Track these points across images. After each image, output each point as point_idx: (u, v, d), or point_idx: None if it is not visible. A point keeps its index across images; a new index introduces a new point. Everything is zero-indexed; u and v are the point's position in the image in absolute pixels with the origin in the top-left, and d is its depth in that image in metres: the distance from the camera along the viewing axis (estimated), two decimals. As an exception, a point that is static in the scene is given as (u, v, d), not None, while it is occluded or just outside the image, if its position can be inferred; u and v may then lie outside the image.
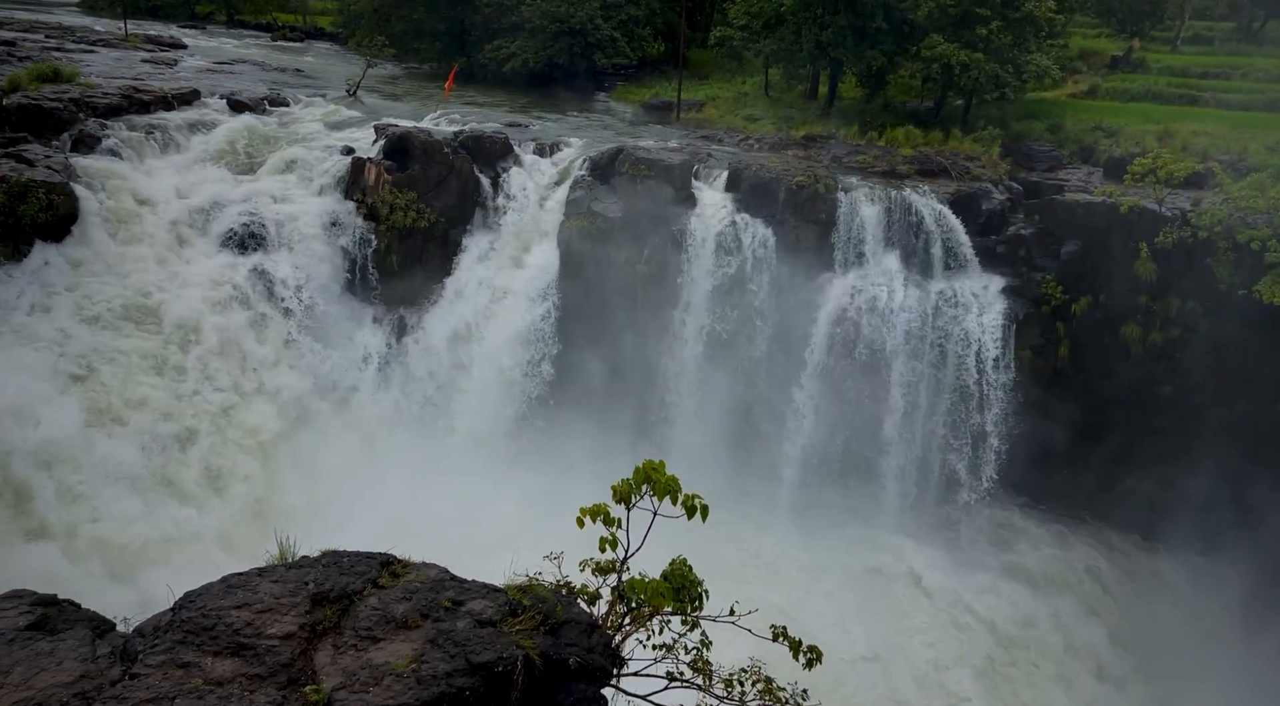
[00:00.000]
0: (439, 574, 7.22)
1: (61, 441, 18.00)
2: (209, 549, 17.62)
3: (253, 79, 36.72)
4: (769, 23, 33.36)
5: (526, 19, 43.15)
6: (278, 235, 24.17)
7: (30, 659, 5.38)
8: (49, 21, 50.83)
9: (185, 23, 67.32)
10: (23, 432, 17.44)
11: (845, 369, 24.09)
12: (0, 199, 20.58)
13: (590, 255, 25.08)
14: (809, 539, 23.07)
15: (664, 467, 7.53)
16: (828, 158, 27.88)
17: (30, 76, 27.24)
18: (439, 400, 24.52)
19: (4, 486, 16.55)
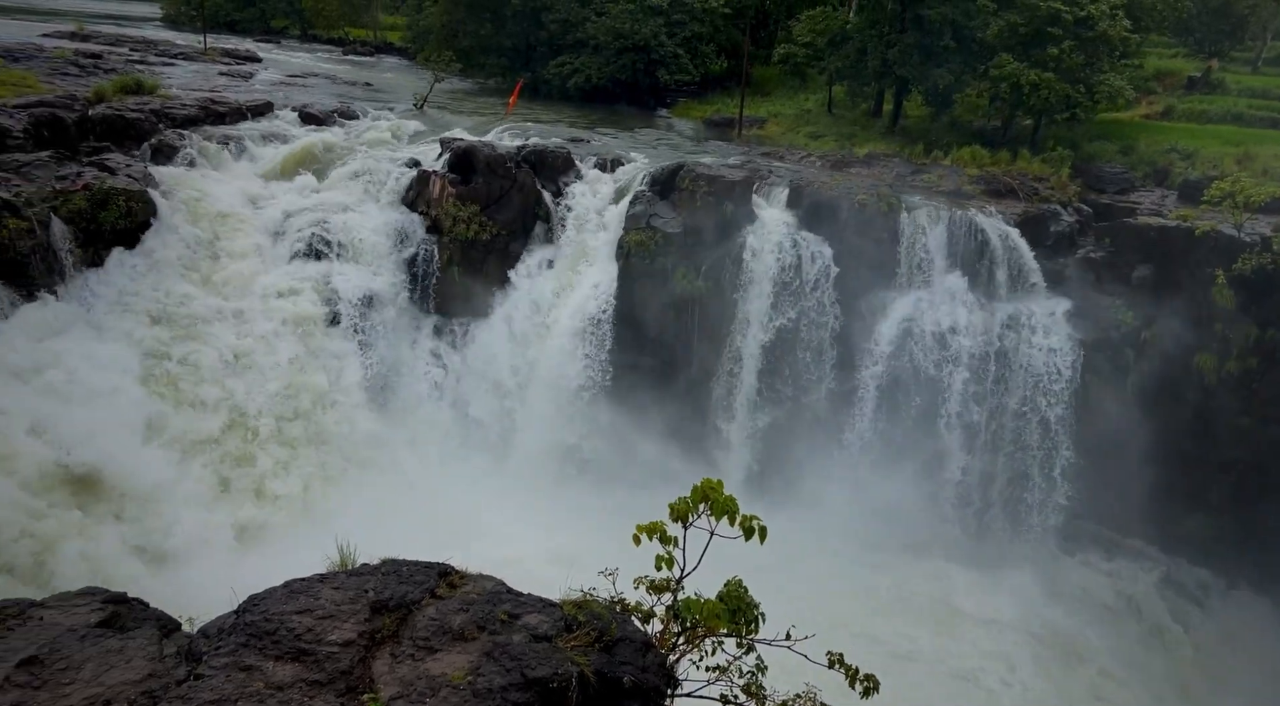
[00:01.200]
0: (495, 586, 7.24)
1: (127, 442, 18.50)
2: (263, 552, 17.93)
3: (324, 92, 37.65)
4: (834, 40, 33.23)
5: (591, 35, 43.59)
6: (345, 245, 24.67)
7: (101, 656, 5.50)
8: (134, 36, 52.78)
9: (261, 37, 69.44)
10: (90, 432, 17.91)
11: (906, 390, 23.72)
12: (83, 205, 21.33)
13: (648, 270, 25.10)
14: (864, 562, 22.66)
15: (722, 487, 7.45)
16: (891, 176, 27.57)
17: (115, 88, 28.32)
18: (496, 411, 24.69)
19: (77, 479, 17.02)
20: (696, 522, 7.44)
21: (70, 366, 18.95)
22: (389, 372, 23.96)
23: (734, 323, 24.74)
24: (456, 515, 19.52)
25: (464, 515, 19.47)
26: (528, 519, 20.16)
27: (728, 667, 7.51)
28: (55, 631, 5.70)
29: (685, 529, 7.40)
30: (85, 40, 46.42)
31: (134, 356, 20.15)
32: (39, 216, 20.23)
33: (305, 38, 73.42)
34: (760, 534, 7.24)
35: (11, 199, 19.74)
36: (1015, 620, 21.60)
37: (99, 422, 17.74)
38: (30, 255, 19.72)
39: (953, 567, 23.34)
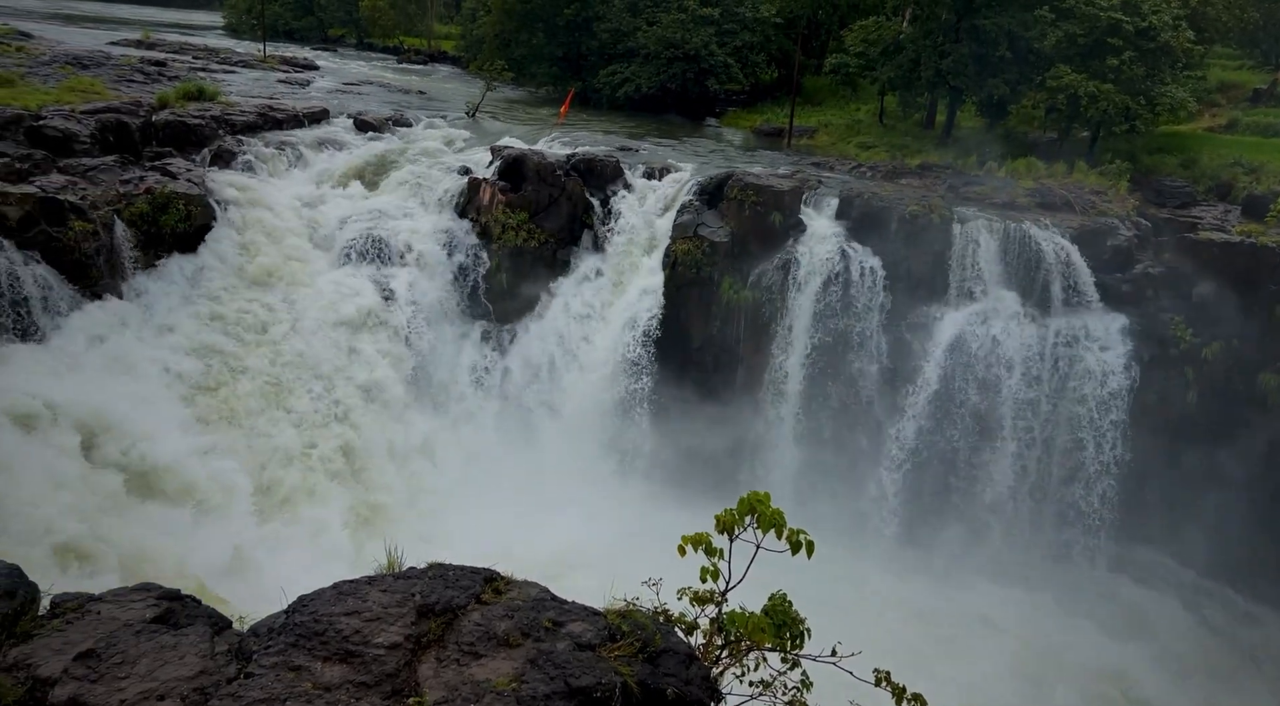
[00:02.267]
0: (540, 593, 7.24)
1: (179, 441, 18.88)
2: (313, 555, 18.17)
3: (378, 100, 38.26)
4: (887, 50, 32.96)
5: (642, 45, 43.79)
6: (396, 251, 25.04)
7: (155, 651, 5.60)
8: (197, 44, 54.20)
9: (318, 45, 70.95)
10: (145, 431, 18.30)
11: (955, 405, 23.35)
12: (145, 208, 21.91)
13: (694, 279, 25.07)
14: (911, 579, 22.32)
15: (769, 499, 7.39)
16: (943, 187, 27.23)
17: (177, 95, 29.08)
18: (540, 417, 24.81)
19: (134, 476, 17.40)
20: (742, 535, 7.40)
21: (127, 365, 19.43)
22: (436, 376, 24.21)
23: (781, 333, 24.56)
24: (500, 518, 19.63)
25: (507, 519, 19.58)
26: (569, 524, 20.19)
27: (772, 683, 7.42)
28: (112, 626, 5.82)
29: (731, 541, 7.35)
30: (151, 48, 47.79)
31: (189, 356, 20.60)
32: (103, 219, 20.82)
33: (361, 46, 74.82)
34: (808, 548, 7.15)
35: (78, 201, 20.34)
36: (1058, 645, 21.07)
37: (153, 421, 18.14)
38: (94, 256, 20.29)
39: (995, 586, 22.88)
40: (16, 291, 18.49)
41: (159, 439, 17.79)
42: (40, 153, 22.00)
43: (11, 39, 40.74)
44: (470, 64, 56.84)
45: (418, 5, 74.88)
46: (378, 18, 73.75)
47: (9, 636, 5.62)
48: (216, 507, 17.76)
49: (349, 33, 78.32)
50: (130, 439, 17.26)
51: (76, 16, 77.98)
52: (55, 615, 6.01)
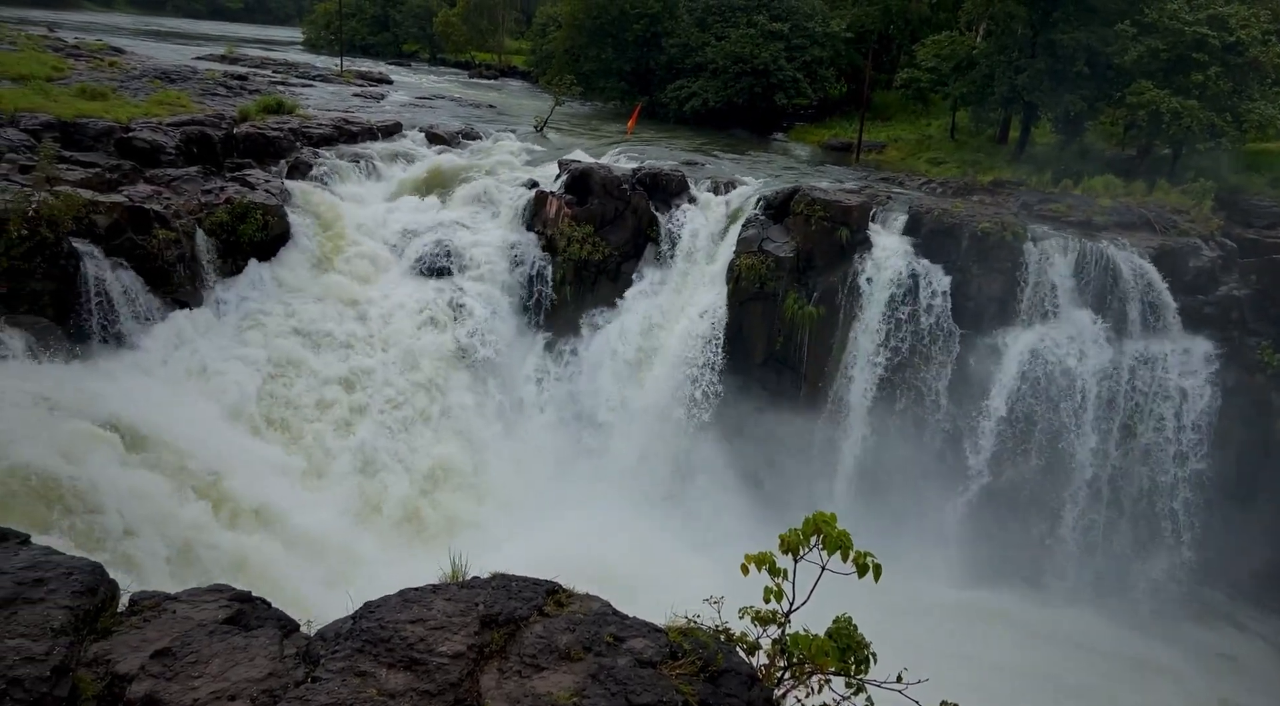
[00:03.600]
0: (601, 607, 7.22)
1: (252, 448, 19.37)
2: (376, 563, 18.44)
3: (449, 113, 38.99)
4: (960, 65, 32.48)
5: (710, 60, 43.89)
6: (465, 262, 25.42)
7: (227, 652, 5.72)
8: (277, 58, 55.92)
9: (393, 60, 72.65)
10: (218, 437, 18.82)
11: (1026, 428, 22.76)
12: (225, 218, 22.61)
13: (759, 294, 24.93)
14: (976, 604, 21.76)
15: (835, 520, 7.26)
16: (1016, 205, 26.64)
17: (258, 108, 30.04)
18: (602, 430, 24.87)
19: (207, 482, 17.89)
20: (807, 556, 7.29)
21: (203, 371, 20.03)
22: (501, 386, 24.45)
23: (845, 351, 24.26)
24: (560, 530, 19.69)
25: (567, 531, 19.63)
26: (630, 538, 20.15)
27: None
28: (186, 625, 5.97)
29: (796, 561, 7.24)
30: (234, 63, 49.49)
31: (262, 364, 21.15)
32: (185, 228, 21.54)
33: (434, 61, 76.41)
34: (875, 571, 7.01)
35: (162, 210, 21.08)
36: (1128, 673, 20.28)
37: (228, 427, 18.64)
38: (176, 264, 20.99)
39: (1067, 610, 22.18)
40: (103, 296, 19.21)
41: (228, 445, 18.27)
42: (129, 163, 22.89)
43: (105, 54, 42.58)
44: (540, 79, 57.67)
45: (490, 21, 76.22)
46: (450, 33, 75.30)
47: (90, 632, 5.80)
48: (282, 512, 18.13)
49: (423, 48, 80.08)
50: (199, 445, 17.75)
51: (165, 33, 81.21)
52: (133, 612, 6.19)
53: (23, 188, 18.93)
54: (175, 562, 15.01)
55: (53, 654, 5.20)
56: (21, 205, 18.13)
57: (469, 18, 75.27)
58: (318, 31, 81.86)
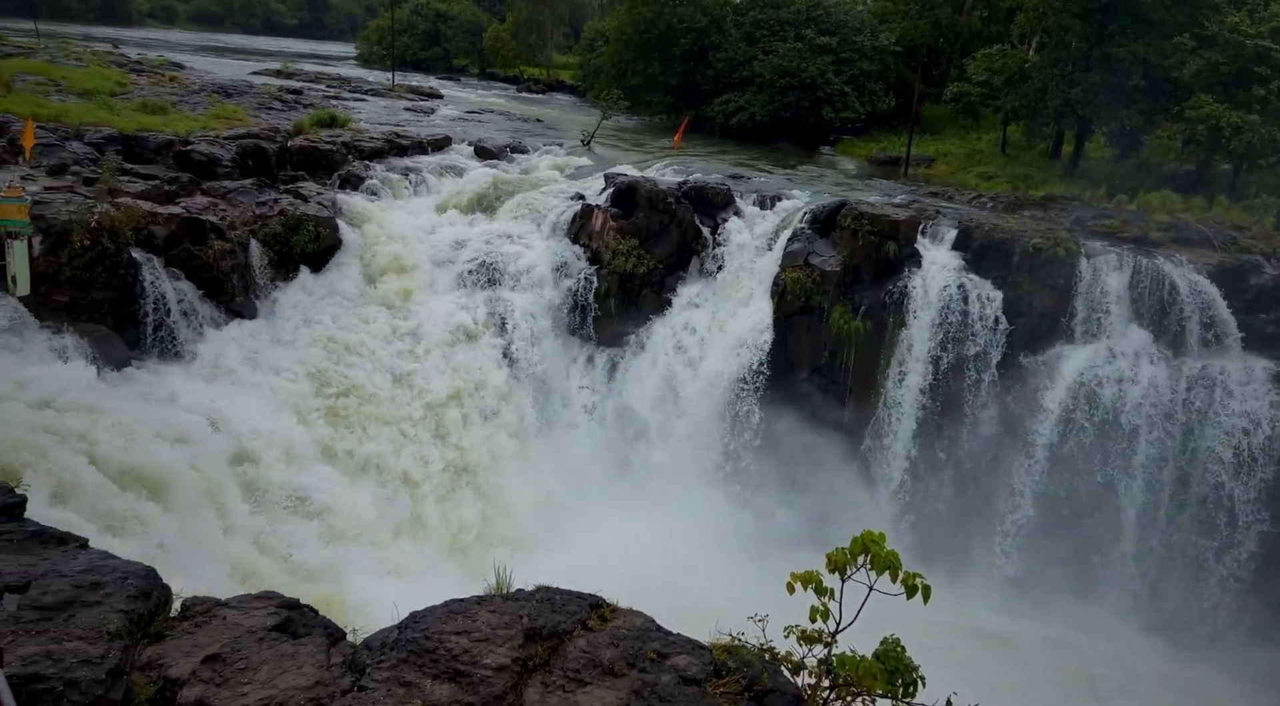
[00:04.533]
0: (645, 622, 7.18)
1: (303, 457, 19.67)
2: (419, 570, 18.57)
3: (497, 127, 39.42)
4: (1012, 79, 32.06)
5: (757, 74, 43.86)
6: (510, 274, 25.62)
7: (275, 659, 5.78)
8: (331, 73, 57.03)
9: (443, 74, 73.71)
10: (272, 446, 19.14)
11: (1077, 449, 22.26)
12: (278, 229, 23.06)
13: (804, 308, 24.76)
14: (1025, 628, 21.28)
15: (884, 540, 7.14)
16: (1069, 220, 26.18)
17: (311, 122, 30.66)
18: (645, 442, 24.82)
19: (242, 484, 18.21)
20: (854, 575, 7.17)
21: (255, 380, 20.38)
22: (545, 398, 24.56)
23: (892, 366, 23.97)
24: (603, 543, 19.67)
25: (610, 544, 19.59)
26: (672, 553, 20.06)
27: (881, 731, 7.15)
28: (236, 631, 6.04)
29: (843, 580, 7.14)
30: (289, 78, 50.59)
31: (312, 374, 21.47)
32: (240, 239, 22.01)
33: (484, 75, 77.38)
34: (924, 593, 6.87)
35: (218, 221, 21.56)
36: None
37: (280, 436, 18.94)
38: (230, 274, 21.44)
39: (1117, 639, 21.59)
40: (160, 305, 19.68)
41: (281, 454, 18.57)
42: (187, 176, 23.47)
43: (166, 70, 43.79)
44: (587, 93, 58.10)
45: (538, 36, 77.02)
46: (500, 48, 76.26)
47: (144, 636, 5.90)
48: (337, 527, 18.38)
49: (472, 62, 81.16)
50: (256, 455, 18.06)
51: (223, 48, 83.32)
52: (185, 617, 6.29)
53: (86, 199, 19.49)
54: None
55: (108, 657, 5.29)
56: (85, 216, 18.66)
57: (518, 33, 76.15)
58: (370, 47, 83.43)
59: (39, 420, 15.07)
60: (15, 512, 6.92)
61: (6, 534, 6.54)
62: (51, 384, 16.16)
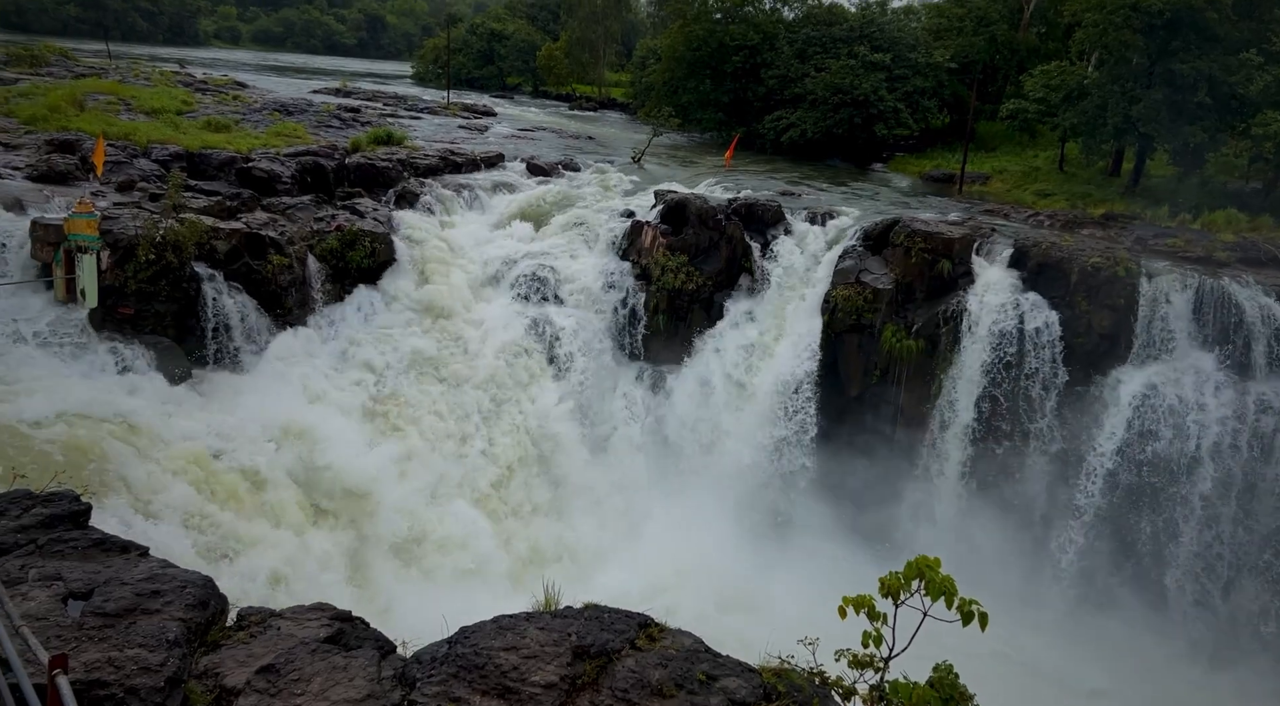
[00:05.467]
0: (694, 643, 7.12)
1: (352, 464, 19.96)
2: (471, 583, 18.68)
3: (549, 145, 39.80)
4: (1070, 95, 31.51)
5: (809, 90, 43.74)
6: (561, 290, 25.79)
7: (328, 671, 5.83)
8: (388, 92, 58.13)
9: (497, 93, 74.70)
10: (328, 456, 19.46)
11: (1138, 474, 21.65)
12: (335, 245, 23.52)
13: (855, 326, 24.49)
14: (1084, 658, 20.68)
15: (938, 565, 7.01)
16: (1130, 239, 25.59)
17: (368, 139, 31.26)
18: (693, 459, 24.72)
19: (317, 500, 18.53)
20: (908, 601, 7.04)
21: (310, 392, 20.75)
22: (593, 414, 24.61)
23: (945, 387, 23.58)
24: (650, 561, 19.60)
25: (658, 562, 19.52)
26: (721, 573, 19.93)
27: (935, 760, 6.98)
28: (290, 642, 6.12)
29: (896, 606, 7.01)
30: (347, 96, 51.69)
31: (366, 386, 21.81)
32: (298, 254, 22.49)
33: (536, 93, 78.24)
34: (981, 620, 6.72)
35: (277, 237, 22.05)
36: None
37: (335, 447, 19.25)
38: (288, 288, 21.90)
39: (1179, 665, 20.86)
40: (221, 317, 20.16)
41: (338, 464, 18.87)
42: (248, 192, 24.06)
43: (230, 88, 45.04)
44: (638, 110, 58.42)
45: (590, 54, 77.74)
46: (553, 66, 77.11)
47: (201, 644, 6.00)
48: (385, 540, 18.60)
49: (525, 81, 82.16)
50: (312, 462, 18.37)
51: (284, 67, 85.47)
52: (241, 627, 6.38)
53: (151, 215, 20.08)
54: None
55: (167, 665, 5.39)
56: (150, 231, 19.22)
57: (571, 51, 76.96)
58: (426, 66, 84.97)
59: (106, 430, 15.49)
60: (81, 520, 7.10)
61: (71, 541, 6.71)
62: (117, 394, 16.62)
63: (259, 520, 16.58)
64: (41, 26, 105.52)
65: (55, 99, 29.50)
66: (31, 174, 21.79)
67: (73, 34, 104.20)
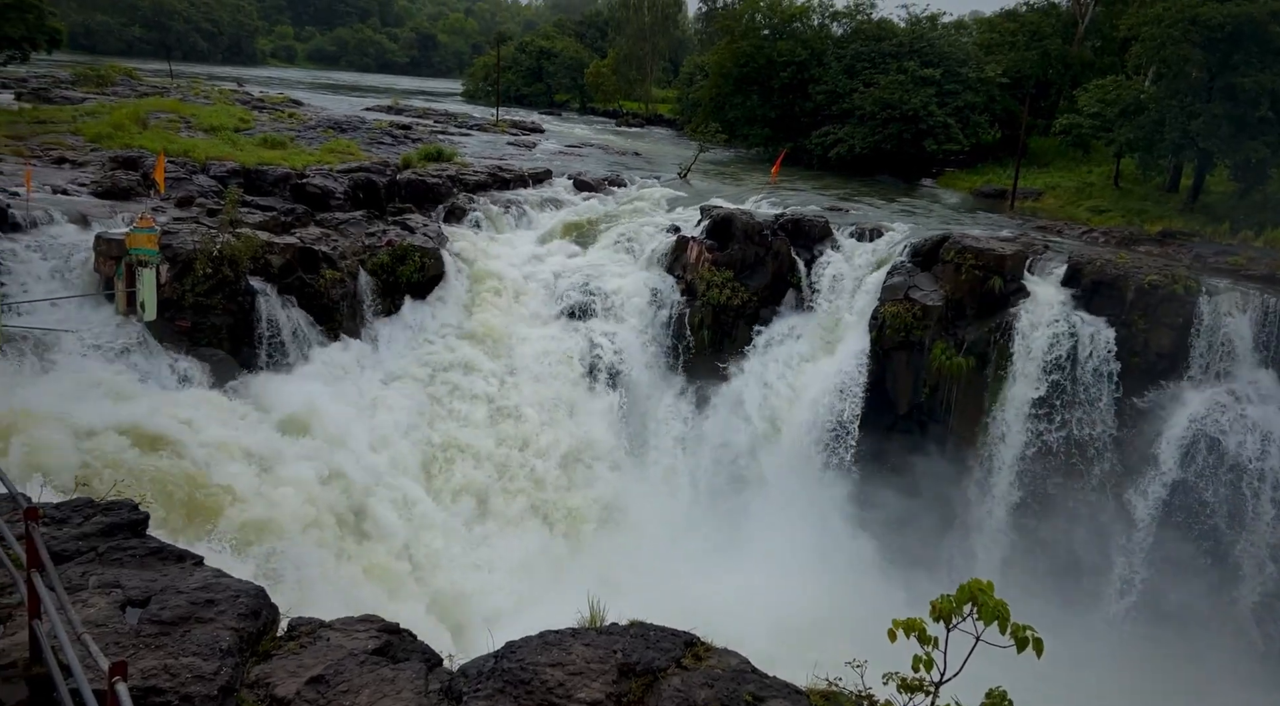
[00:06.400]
0: (740, 663, 7.05)
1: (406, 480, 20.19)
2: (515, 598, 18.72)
3: (596, 161, 40.05)
4: (1126, 110, 30.92)
5: (858, 106, 43.50)
6: (606, 305, 25.87)
7: (376, 683, 5.87)
8: (438, 109, 59.03)
9: (545, 110, 75.48)
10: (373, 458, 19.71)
11: (1196, 496, 21.03)
12: (385, 260, 23.87)
13: (903, 343, 24.19)
14: (1140, 684, 20.08)
15: (992, 589, 6.85)
16: (1189, 256, 24.99)
17: (419, 156, 31.74)
18: (738, 477, 24.55)
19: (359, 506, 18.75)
20: (960, 625, 6.90)
21: (359, 404, 21.03)
22: (638, 429, 24.61)
23: (996, 406, 23.15)
24: (695, 578, 19.46)
25: (702, 579, 19.38)
26: (765, 591, 19.70)
27: (987, 788, 6.81)
28: (339, 653, 6.17)
29: (948, 630, 6.87)
30: (399, 113, 52.60)
31: (414, 400, 22.04)
32: (350, 268, 22.86)
33: (584, 110, 78.92)
34: (1037, 647, 6.55)
35: (330, 252, 22.46)
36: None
37: (384, 459, 19.49)
38: (339, 301, 22.27)
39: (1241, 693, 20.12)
40: (274, 330, 20.55)
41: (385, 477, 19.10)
42: (302, 207, 24.56)
43: (285, 106, 46.09)
44: (685, 126, 58.59)
45: (638, 71, 78.22)
46: (600, 83, 77.73)
47: (252, 654, 6.08)
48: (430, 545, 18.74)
49: (573, 98, 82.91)
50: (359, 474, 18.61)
51: (338, 85, 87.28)
52: (291, 637, 6.46)
53: (209, 230, 20.57)
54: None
55: (220, 674, 5.47)
56: (208, 246, 19.69)
57: (619, 68, 77.52)
58: (476, 83, 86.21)
59: (162, 441, 15.84)
60: (139, 529, 7.25)
61: (130, 549, 6.86)
62: (175, 406, 17.00)
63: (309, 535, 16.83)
64: (108, 47, 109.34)
65: (119, 117, 30.46)
66: (96, 190, 22.47)
67: (137, 54, 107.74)
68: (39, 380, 16.06)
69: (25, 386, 15.63)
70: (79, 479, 11.60)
